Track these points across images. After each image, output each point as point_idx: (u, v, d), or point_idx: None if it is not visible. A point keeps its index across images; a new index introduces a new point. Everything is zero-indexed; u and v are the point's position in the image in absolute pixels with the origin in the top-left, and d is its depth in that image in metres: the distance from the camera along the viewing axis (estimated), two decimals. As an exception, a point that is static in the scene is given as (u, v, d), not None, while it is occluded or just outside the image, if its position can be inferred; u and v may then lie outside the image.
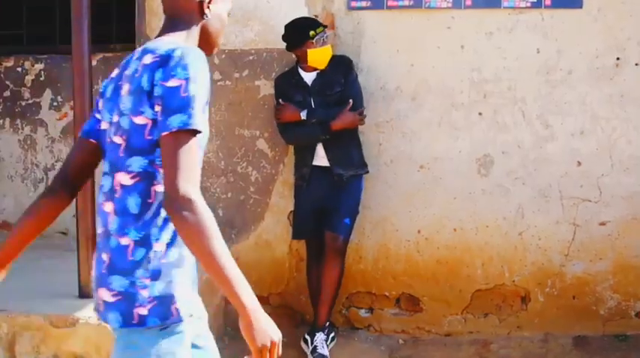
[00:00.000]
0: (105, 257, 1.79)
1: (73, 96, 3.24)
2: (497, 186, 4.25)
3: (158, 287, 1.74)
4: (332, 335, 4.16)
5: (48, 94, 4.67)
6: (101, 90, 1.95)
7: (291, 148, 4.29)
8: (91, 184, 3.22)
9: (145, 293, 1.73)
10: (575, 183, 4.20)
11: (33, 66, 4.68)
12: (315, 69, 4.03)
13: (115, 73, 1.92)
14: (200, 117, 1.67)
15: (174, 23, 1.88)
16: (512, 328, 4.32)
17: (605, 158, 4.18)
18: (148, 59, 1.74)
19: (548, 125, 4.20)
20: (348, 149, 4.06)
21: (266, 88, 4.38)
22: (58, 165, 4.65)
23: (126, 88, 1.78)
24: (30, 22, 4.94)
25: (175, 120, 1.65)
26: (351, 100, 3.94)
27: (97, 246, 1.86)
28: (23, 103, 4.69)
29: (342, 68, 4.05)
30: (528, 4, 4.14)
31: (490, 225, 4.28)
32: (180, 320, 1.77)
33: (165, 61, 1.70)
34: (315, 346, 4.01)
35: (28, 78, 4.69)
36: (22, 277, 3.64)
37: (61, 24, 4.60)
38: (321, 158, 4.06)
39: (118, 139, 1.78)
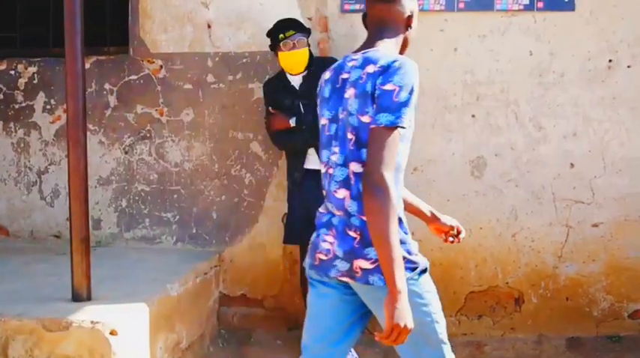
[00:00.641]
0: (353, 234, 2.19)
1: (66, 99, 3.24)
2: (490, 188, 4.26)
3: (403, 249, 2.12)
4: None
5: (41, 97, 4.66)
6: (318, 91, 2.37)
7: (284, 152, 4.30)
8: (83, 189, 3.22)
9: None
10: (567, 185, 4.22)
11: (26, 69, 4.67)
12: (300, 72, 3.99)
13: (328, 75, 2.32)
14: (406, 118, 2.08)
15: (382, 33, 2.27)
16: (506, 330, 4.33)
17: (597, 160, 4.19)
18: (370, 69, 2.14)
19: (540, 127, 4.21)
20: None
21: (259, 90, 4.38)
22: (52, 168, 4.65)
23: (351, 91, 2.18)
24: (23, 25, 4.93)
25: (384, 118, 2.06)
26: None
27: (333, 226, 2.25)
28: (16, 106, 4.68)
29: None
30: (521, 7, 4.15)
31: (484, 227, 4.29)
32: (416, 266, 2.20)
33: (385, 70, 2.11)
34: None
35: (22, 81, 4.68)
36: (14, 280, 3.63)
37: (55, 27, 4.59)
38: (313, 161, 4.00)
39: (349, 135, 2.18)
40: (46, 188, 4.68)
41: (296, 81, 4.02)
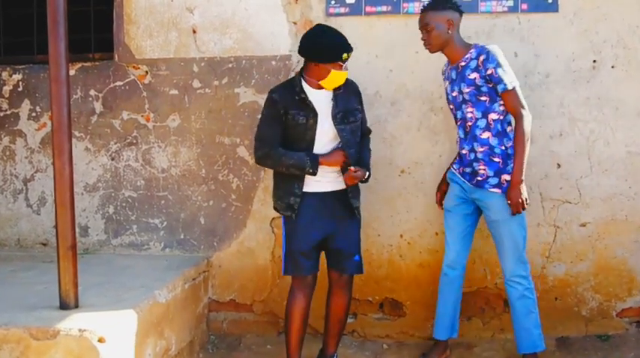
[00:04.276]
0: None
1: (51, 107, 3.22)
2: (477, 190, 4.27)
3: None
4: None
5: (26, 105, 4.63)
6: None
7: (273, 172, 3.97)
8: (70, 196, 3.20)
9: None
10: (554, 185, 4.24)
11: (11, 76, 4.64)
12: (321, 87, 3.64)
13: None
14: None
15: None
16: (496, 330, 4.34)
17: (583, 160, 4.21)
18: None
19: (527, 128, 4.22)
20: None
21: (246, 95, 4.38)
22: (38, 176, 4.62)
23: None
24: (7, 33, 4.90)
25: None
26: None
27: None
28: (1, 114, 4.65)
29: (354, 93, 3.79)
30: (505, 9, 4.18)
31: (471, 229, 4.29)
32: None
33: None
34: None
35: (6, 88, 4.65)
36: (1, 289, 3.61)
37: (39, 34, 4.57)
38: (314, 184, 3.67)
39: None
40: (32, 196, 4.65)
41: (317, 96, 3.65)
